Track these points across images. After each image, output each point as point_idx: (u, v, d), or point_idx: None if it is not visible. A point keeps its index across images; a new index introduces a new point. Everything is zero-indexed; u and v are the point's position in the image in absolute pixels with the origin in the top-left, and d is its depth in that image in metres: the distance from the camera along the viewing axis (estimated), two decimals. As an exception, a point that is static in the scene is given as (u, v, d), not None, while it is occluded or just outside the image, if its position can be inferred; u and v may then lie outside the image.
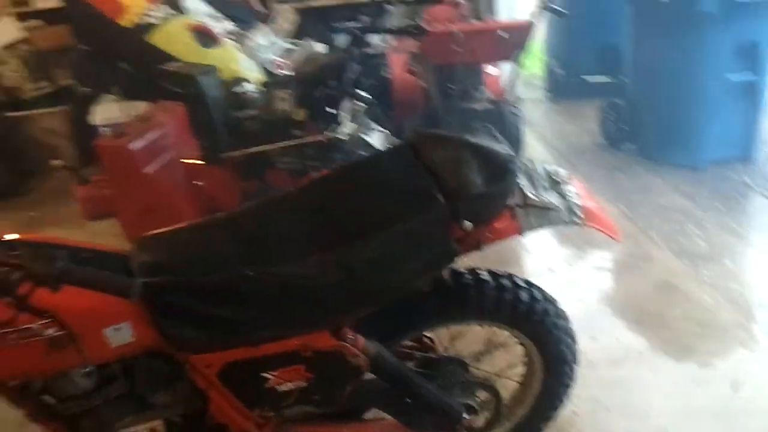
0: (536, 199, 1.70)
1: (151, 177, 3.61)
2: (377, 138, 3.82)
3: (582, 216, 1.74)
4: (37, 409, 1.65)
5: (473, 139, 1.69)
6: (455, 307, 1.83)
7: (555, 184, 1.77)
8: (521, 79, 5.81)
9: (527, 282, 1.92)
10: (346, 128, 3.58)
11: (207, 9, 5.15)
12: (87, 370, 1.56)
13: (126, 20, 4.49)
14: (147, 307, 1.51)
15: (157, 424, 1.74)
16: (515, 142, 4.51)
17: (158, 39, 4.50)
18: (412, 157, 1.67)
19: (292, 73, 4.08)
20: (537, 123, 5.56)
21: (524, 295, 1.87)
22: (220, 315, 1.55)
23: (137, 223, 3.73)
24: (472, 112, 4.31)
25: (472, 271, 1.87)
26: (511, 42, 4.01)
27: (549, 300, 1.93)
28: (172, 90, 3.67)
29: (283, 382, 1.67)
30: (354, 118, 3.72)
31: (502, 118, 4.43)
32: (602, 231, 1.79)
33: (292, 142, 3.52)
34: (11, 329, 1.41)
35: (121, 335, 1.51)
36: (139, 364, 1.63)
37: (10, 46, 5.09)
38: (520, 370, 2.11)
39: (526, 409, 2.12)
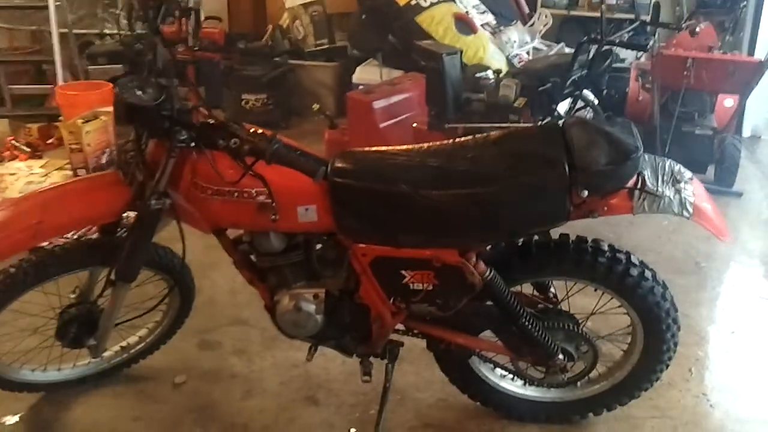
0: (653, 187, 2.04)
1: (384, 131, 4.27)
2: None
3: (691, 211, 2.05)
4: (241, 259, 2.31)
5: (610, 129, 2.06)
6: (570, 264, 2.20)
7: (676, 181, 2.09)
8: (765, 118, 5.80)
9: (642, 262, 2.25)
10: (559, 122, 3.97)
11: (474, 1, 5.72)
12: (274, 221, 2.07)
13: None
14: (331, 198, 2.08)
15: (320, 291, 2.28)
16: (729, 172, 4.61)
17: (424, 20, 5.17)
18: (558, 133, 2.08)
19: (522, 67, 4.52)
20: (764, 162, 5.51)
21: (634, 271, 2.20)
22: (380, 216, 2.09)
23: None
24: (689, 134, 4.48)
25: (595, 241, 2.24)
26: (740, 77, 4.15)
27: (658, 282, 2.24)
28: (419, 62, 4.26)
29: (416, 282, 2.16)
30: (571, 115, 4.10)
31: (721, 148, 4.56)
32: (708, 228, 2.08)
33: (506, 125, 3.98)
34: (237, 189, 2.05)
35: (308, 214, 2.09)
36: (316, 241, 2.22)
37: (306, 5, 6.02)
38: (626, 338, 2.43)
39: (623, 374, 2.44)
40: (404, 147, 2.22)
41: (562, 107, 4.19)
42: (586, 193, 1.98)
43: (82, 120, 4.53)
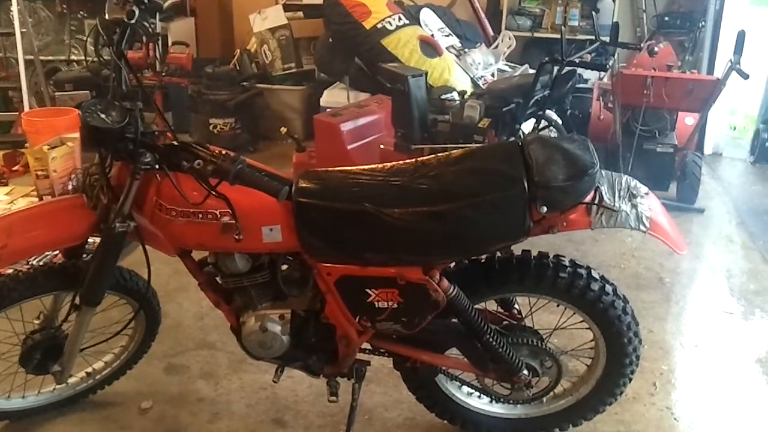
0: (610, 202, 2.08)
1: (351, 153, 4.31)
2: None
3: (648, 225, 2.10)
4: (207, 281, 2.32)
5: (567, 145, 2.10)
6: (532, 280, 2.24)
7: (632, 196, 2.13)
8: (726, 135, 5.93)
9: (603, 277, 2.29)
10: (522, 142, 4.03)
11: (439, 24, 5.80)
12: (239, 241, 2.08)
13: (369, 23, 5.28)
14: (295, 217, 2.10)
15: (286, 312, 2.30)
16: (691, 188, 4.71)
17: (390, 42, 5.23)
18: (517, 150, 2.12)
19: (486, 88, 4.59)
20: (726, 178, 5.62)
21: (594, 285, 2.25)
22: (344, 235, 2.11)
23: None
24: (651, 152, 4.57)
25: (556, 256, 2.28)
26: (699, 95, 4.25)
27: (619, 296, 2.29)
28: (385, 85, 4.31)
29: (381, 300, 2.18)
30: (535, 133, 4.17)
31: (682, 164, 4.66)
32: (665, 241, 2.13)
33: (471, 145, 4.02)
34: (201, 210, 2.06)
35: (272, 234, 2.11)
36: (281, 261, 2.24)
37: (273, 29, 6.06)
38: (590, 353, 2.47)
39: (588, 388, 2.47)
40: (368, 167, 2.25)
41: (526, 127, 4.25)
42: (545, 209, 2.03)
43: (48, 146, 4.51)
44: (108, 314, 2.49)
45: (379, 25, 5.23)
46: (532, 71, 5.58)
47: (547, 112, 4.30)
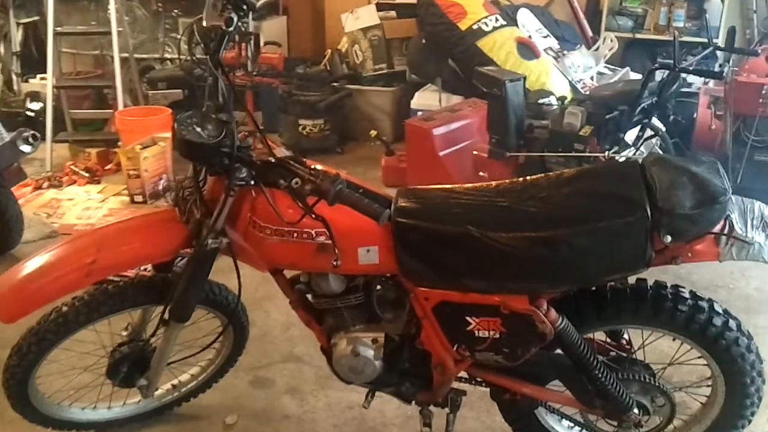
0: (741, 232, 1.88)
1: (443, 159, 4.16)
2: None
3: (788, 260, 1.89)
4: (298, 299, 2.22)
5: (695, 168, 1.91)
6: (648, 312, 2.05)
7: (767, 226, 1.92)
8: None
9: (726, 311, 2.08)
10: (627, 152, 3.81)
11: (537, 25, 5.59)
12: (336, 267, 1.97)
13: (464, 24, 5.12)
14: (394, 239, 1.98)
15: (380, 336, 2.19)
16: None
17: (485, 44, 5.06)
18: (638, 172, 1.94)
19: (589, 93, 4.37)
20: None
21: (717, 320, 2.04)
22: (445, 259, 1.98)
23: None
24: (763, 164, 4.27)
25: (675, 286, 2.08)
26: (822, 104, 3.93)
27: (743, 333, 2.07)
28: (481, 89, 4.15)
29: (481, 329, 2.03)
30: (639, 145, 3.93)
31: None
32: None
33: (571, 154, 3.83)
34: (296, 229, 1.96)
35: (369, 256, 1.99)
36: (376, 283, 2.12)
37: (365, 30, 5.96)
38: (704, 390, 2.26)
39: (701, 429, 2.27)
40: (471, 185, 2.11)
41: (629, 136, 4.01)
42: (669, 238, 1.84)
43: (140, 146, 4.55)
44: (196, 326, 2.42)
45: (475, 26, 5.06)
46: (634, 75, 5.38)
47: (652, 120, 4.05)
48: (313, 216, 1.83)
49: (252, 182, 1.95)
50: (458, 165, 4.25)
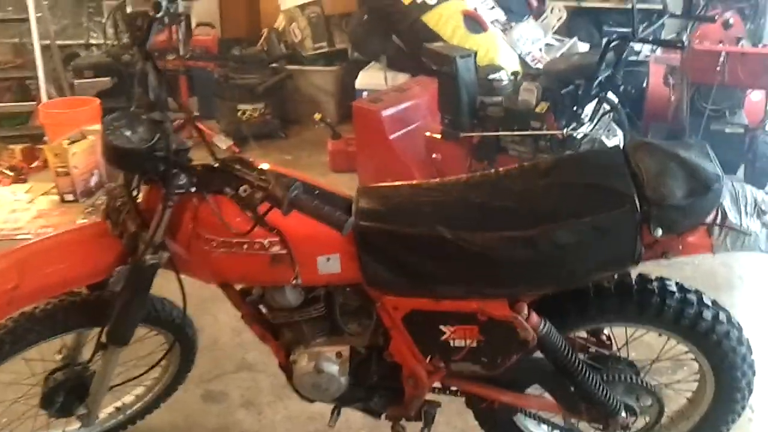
0: (735, 221, 1.73)
1: (393, 143, 3.96)
2: (615, 142, 3.87)
3: (785, 248, 1.74)
4: (251, 314, 2.00)
5: (684, 153, 1.75)
6: (634, 309, 1.89)
7: (762, 212, 1.77)
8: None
9: (715, 302, 1.94)
10: (585, 128, 3.66)
11: (484, -3, 5.40)
12: (295, 285, 1.83)
13: (408, -2, 4.88)
14: (356, 245, 1.77)
15: (344, 349, 1.98)
16: (762, 170, 4.33)
17: (430, 19, 4.85)
18: (622, 159, 1.77)
19: (543, 68, 4.20)
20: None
21: (707, 314, 1.89)
22: (414, 265, 1.78)
23: (372, 181, 4.10)
24: (720, 134, 4.18)
25: (660, 279, 1.92)
26: (779, 70, 3.84)
27: (733, 324, 1.93)
28: (430, 66, 3.95)
29: (457, 338, 1.85)
30: (596, 120, 3.79)
31: (753, 147, 4.27)
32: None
33: (528, 133, 3.67)
34: (246, 240, 1.73)
35: (330, 265, 1.78)
36: (339, 293, 1.91)
37: (302, 6, 5.68)
38: (691, 385, 2.13)
39: (689, 425, 2.14)
40: (440, 180, 1.92)
41: (586, 111, 3.86)
42: (660, 231, 1.68)
43: (68, 141, 4.22)
44: (140, 343, 2.18)
45: (419, 0, 4.84)
46: (581, 45, 5.24)
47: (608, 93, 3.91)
48: (265, 226, 1.61)
49: (193, 189, 1.71)
50: (410, 147, 4.05)
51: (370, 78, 5.17)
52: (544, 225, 1.70)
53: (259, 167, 1.70)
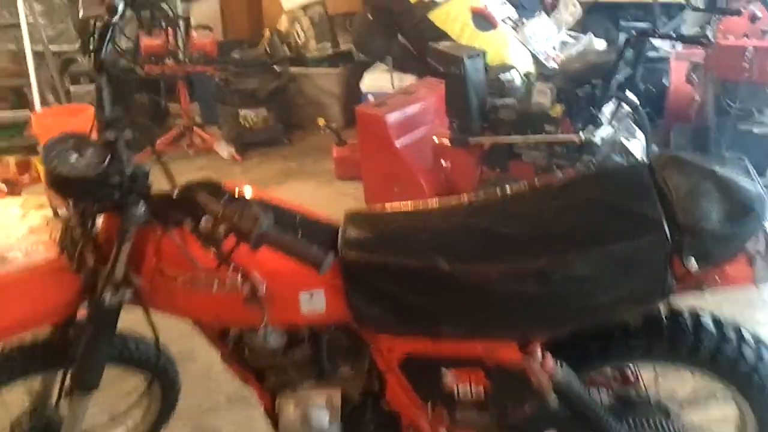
0: (784, 249, 1.49)
1: (399, 149, 3.73)
2: (636, 144, 3.62)
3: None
4: (231, 354, 1.78)
5: (720, 170, 1.51)
6: (664, 347, 1.66)
7: (811, 236, 1.53)
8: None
9: (757, 338, 1.70)
10: (603, 131, 3.41)
11: (493, -8, 5.16)
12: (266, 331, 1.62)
13: (414, -5, 4.65)
14: (343, 280, 1.55)
15: (335, 394, 1.76)
16: (791, 178, 4.06)
17: (437, 17, 4.61)
18: (648, 177, 1.54)
19: (557, 68, 3.96)
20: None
21: (749, 352, 1.66)
22: (409, 302, 1.56)
23: (377, 190, 3.90)
24: (748, 134, 3.92)
25: (694, 313, 1.69)
26: (813, 66, 3.57)
27: (779, 363, 1.70)
28: (438, 68, 3.71)
29: (461, 384, 1.64)
30: (616, 121, 3.54)
31: (783, 148, 4.00)
32: None
33: (542, 138, 3.43)
34: (214, 277, 1.51)
35: (313, 303, 1.56)
36: (326, 334, 1.69)
37: (305, 6, 5.46)
38: (730, 428, 1.89)
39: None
40: (438, 203, 1.69)
41: (604, 112, 3.61)
42: (693, 262, 1.44)
43: (59, 152, 4.01)
44: (116, 383, 1.97)
45: (426, -3, 4.61)
46: (597, 41, 4.98)
47: (627, 93, 3.66)
48: (230, 264, 1.40)
49: (153, 220, 1.50)
50: (417, 154, 3.82)
51: (376, 80, 4.95)
52: (557, 255, 1.47)
53: (238, 191, 1.51)
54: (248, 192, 1.60)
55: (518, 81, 3.80)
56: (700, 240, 1.43)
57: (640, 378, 1.86)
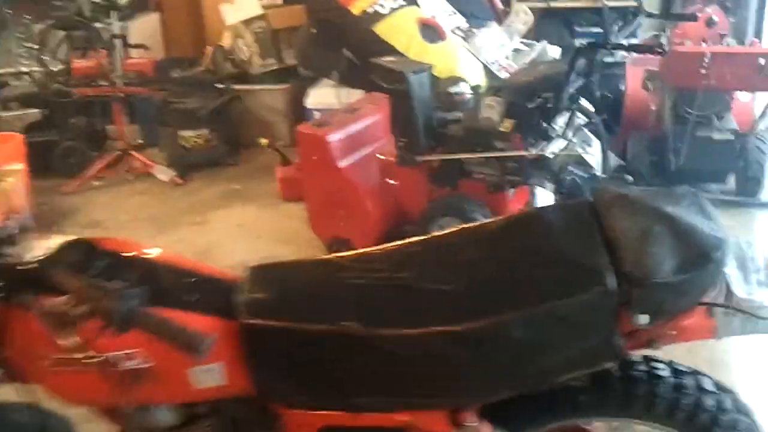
0: (746, 297, 1.29)
1: (343, 170, 3.51)
2: (593, 155, 3.44)
3: (808, 327, 1.31)
4: (126, 426, 1.54)
5: (673, 211, 1.31)
6: (616, 403, 1.46)
7: (775, 280, 1.34)
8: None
9: (719, 386, 1.50)
10: (556, 145, 3.23)
11: (441, 2, 4.97)
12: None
13: (356, 7, 4.47)
14: (244, 349, 1.33)
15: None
16: (755, 182, 3.93)
17: (383, 29, 4.42)
18: (590, 220, 1.34)
19: (507, 81, 3.77)
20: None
21: (709, 402, 1.46)
22: (320, 372, 1.34)
23: (321, 212, 3.68)
24: (707, 141, 3.77)
25: (648, 361, 1.48)
26: (771, 70, 3.43)
27: (743, 412, 1.50)
28: (381, 84, 3.51)
29: (388, 459, 1.42)
30: (572, 132, 3.35)
31: (743, 153, 3.87)
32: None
33: (493, 154, 3.23)
34: (86, 356, 1.28)
35: (209, 376, 1.34)
36: (229, 408, 1.46)
37: (248, 22, 5.23)
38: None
39: None
40: (357, 254, 1.47)
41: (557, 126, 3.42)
42: (645, 319, 1.24)
43: (-21, 184, 3.74)
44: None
45: (370, 9, 4.40)
46: (551, 47, 4.80)
47: (581, 102, 3.47)
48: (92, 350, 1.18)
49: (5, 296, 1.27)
50: (363, 174, 3.60)
51: (322, 96, 4.73)
52: (485, 316, 1.26)
53: (117, 253, 1.27)
54: (131, 251, 1.38)
55: (468, 94, 3.62)
56: (651, 293, 1.23)
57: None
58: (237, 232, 4.03)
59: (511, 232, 1.40)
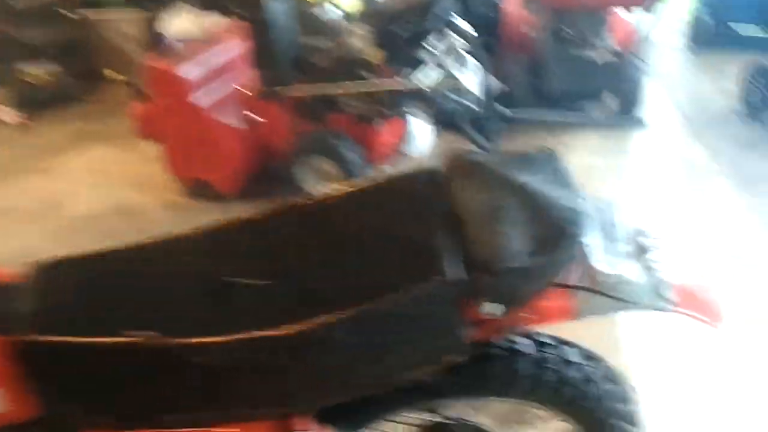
0: (607, 273, 1.13)
1: (197, 106, 3.18)
2: (472, 78, 3.24)
3: (674, 299, 1.17)
4: None
5: (525, 176, 1.12)
6: (474, 382, 1.31)
7: (641, 250, 1.19)
8: (660, 23, 5.03)
9: (587, 355, 1.37)
10: (429, 75, 3.01)
11: None
12: None
13: None
14: (26, 369, 1.09)
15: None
16: (632, 99, 3.87)
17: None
18: (434, 194, 1.14)
19: (375, 8, 3.50)
20: (668, 76, 4.77)
21: (574, 374, 1.32)
22: (119, 388, 1.12)
23: (179, 154, 3.36)
24: (586, 61, 3.65)
25: (507, 338, 1.33)
26: (647, -14, 3.31)
27: (612, 379, 1.38)
28: (238, 13, 3.19)
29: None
30: (448, 55, 3.13)
31: (622, 72, 3.78)
32: (698, 318, 1.21)
33: (362, 87, 2.99)
34: None
35: (-16, 401, 1.10)
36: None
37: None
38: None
39: None
40: (158, 239, 1.22)
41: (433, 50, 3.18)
42: (492, 308, 1.07)
43: None
44: None
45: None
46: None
47: (457, 21, 3.24)
48: None
49: None
50: (222, 110, 3.28)
51: (179, 22, 4.30)
52: (311, 317, 1.05)
53: None
54: None
55: (336, 19, 3.34)
56: (503, 280, 1.05)
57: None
58: (89, 178, 3.66)
59: (341, 211, 1.19)
